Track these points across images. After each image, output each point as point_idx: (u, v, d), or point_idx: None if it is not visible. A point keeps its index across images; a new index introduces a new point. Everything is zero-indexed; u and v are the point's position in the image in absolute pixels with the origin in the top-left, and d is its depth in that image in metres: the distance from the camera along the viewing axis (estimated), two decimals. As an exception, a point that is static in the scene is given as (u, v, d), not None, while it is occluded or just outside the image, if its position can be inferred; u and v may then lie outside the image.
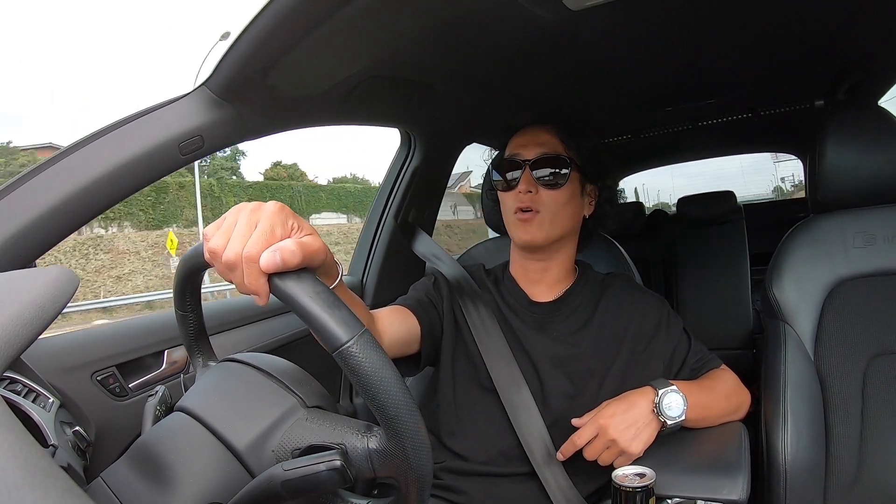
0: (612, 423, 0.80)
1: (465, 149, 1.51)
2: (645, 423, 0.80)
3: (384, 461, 0.44)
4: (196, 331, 0.58)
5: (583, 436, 0.81)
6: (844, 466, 0.88)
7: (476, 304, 0.96)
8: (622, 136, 1.92)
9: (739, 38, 1.10)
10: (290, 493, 0.43)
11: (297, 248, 0.43)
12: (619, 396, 0.84)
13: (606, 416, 0.81)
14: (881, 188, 0.93)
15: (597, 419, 0.81)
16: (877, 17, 1.03)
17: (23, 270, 0.63)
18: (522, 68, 1.12)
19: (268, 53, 0.73)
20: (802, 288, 0.96)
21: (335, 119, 1.05)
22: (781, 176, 6.61)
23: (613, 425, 0.79)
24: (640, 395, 0.83)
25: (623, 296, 0.97)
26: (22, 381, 0.60)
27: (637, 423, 0.80)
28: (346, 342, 0.40)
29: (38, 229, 0.66)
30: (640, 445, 0.79)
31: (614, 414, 0.81)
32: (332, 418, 0.48)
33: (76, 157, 0.71)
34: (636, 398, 0.83)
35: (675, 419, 0.81)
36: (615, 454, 0.80)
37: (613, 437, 0.79)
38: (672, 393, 0.82)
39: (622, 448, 0.79)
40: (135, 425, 0.62)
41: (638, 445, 0.79)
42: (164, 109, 0.78)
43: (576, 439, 0.82)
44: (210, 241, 0.46)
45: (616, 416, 0.80)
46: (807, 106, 1.65)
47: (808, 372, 0.93)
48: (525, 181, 0.92)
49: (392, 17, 0.75)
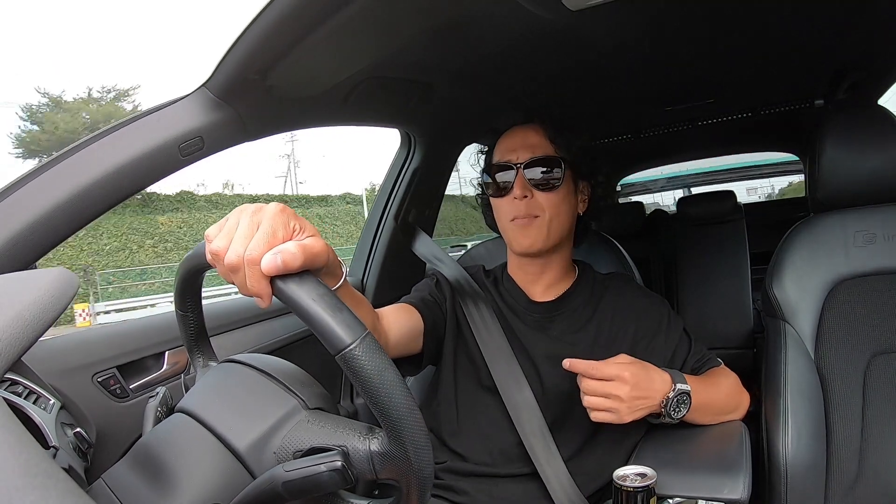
0: (629, 384, 0.77)
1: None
2: (648, 405, 0.79)
3: (386, 463, 0.44)
4: (197, 332, 0.58)
5: (602, 370, 0.78)
6: (845, 465, 0.88)
7: (477, 304, 0.96)
8: (622, 135, 1.92)
9: (739, 37, 1.10)
10: (291, 493, 0.43)
11: (298, 251, 0.43)
12: (643, 364, 0.81)
13: (632, 373, 0.78)
14: (881, 187, 0.94)
15: (622, 370, 0.77)
16: (877, 16, 1.03)
17: (23, 272, 0.63)
18: (522, 68, 1.12)
19: (268, 54, 0.73)
20: (803, 287, 0.96)
21: (335, 120, 1.05)
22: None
23: (632, 385, 0.77)
24: (660, 378, 0.81)
25: (623, 296, 0.97)
26: (23, 383, 0.60)
27: (646, 399, 0.79)
28: (349, 345, 0.40)
29: (38, 231, 0.66)
30: (631, 419, 0.78)
31: (638, 380, 0.78)
32: (333, 420, 0.48)
33: (77, 158, 0.71)
34: (657, 379, 0.80)
35: (673, 420, 0.82)
36: (606, 407, 0.77)
37: (623, 394, 0.76)
38: (683, 395, 0.81)
39: (618, 409, 0.77)
40: (136, 427, 0.62)
41: (630, 418, 0.78)
42: (164, 111, 0.78)
43: (592, 368, 0.78)
44: (212, 242, 0.46)
45: (640, 380, 0.78)
46: (807, 105, 1.65)
47: (809, 371, 0.93)
48: (519, 185, 0.90)
49: (392, 17, 0.75)
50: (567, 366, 0.79)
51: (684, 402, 0.82)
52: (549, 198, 0.91)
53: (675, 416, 0.82)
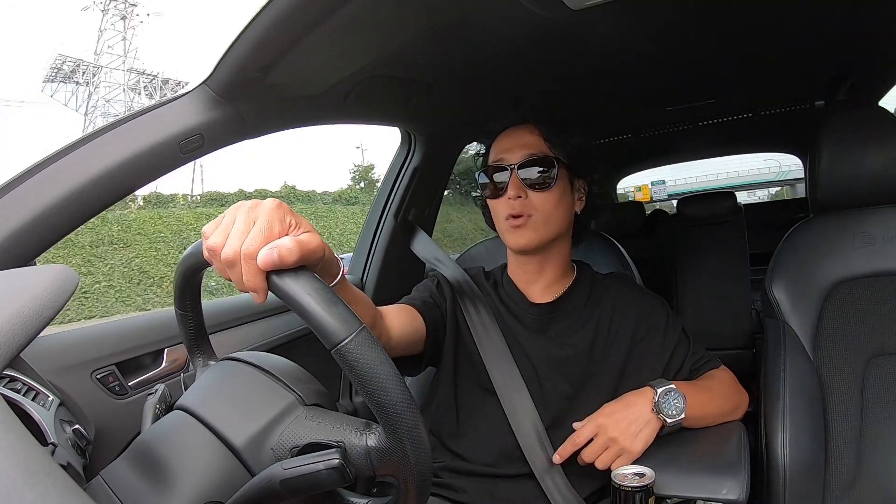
0: (611, 421, 0.80)
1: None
2: (645, 422, 0.80)
3: (383, 459, 0.43)
4: (196, 329, 0.58)
5: (582, 434, 0.81)
6: (844, 466, 0.88)
7: (476, 305, 0.96)
8: (622, 135, 1.92)
9: (740, 37, 1.10)
10: (289, 491, 0.43)
11: (294, 246, 0.43)
12: (617, 398, 0.84)
13: (605, 414, 0.81)
14: (881, 189, 0.93)
15: (595, 418, 0.81)
16: (876, 17, 1.03)
17: (23, 268, 0.63)
18: (522, 67, 1.11)
19: (268, 52, 0.73)
20: (802, 288, 0.96)
21: (335, 118, 1.05)
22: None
23: (613, 423, 0.79)
24: (639, 395, 0.83)
25: (623, 296, 0.97)
26: (22, 380, 0.60)
27: (637, 421, 0.80)
28: (344, 339, 0.40)
29: (38, 227, 0.66)
30: (640, 444, 0.79)
31: (613, 412, 0.81)
32: (331, 416, 0.48)
33: (76, 155, 0.71)
34: (635, 398, 0.83)
35: (675, 418, 0.81)
36: (615, 454, 0.79)
37: (614, 435, 0.78)
38: (671, 392, 0.82)
39: (622, 446, 0.78)
40: (134, 424, 0.62)
41: (638, 444, 0.79)
42: (164, 108, 0.78)
43: (575, 438, 0.82)
44: (209, 238, 0.46)
45: (616, 413, 0.80)
46: (807, 106, 1.65)
47: (808, 372, 0.93)
48: (513, 186, 0.90)
49: (392, 16, 0.75)
50: (556, 460, 0.84)
51: (674, 396, 0.82)
52: (544, 197, 0.91)
53: (674, 413, 0.81)
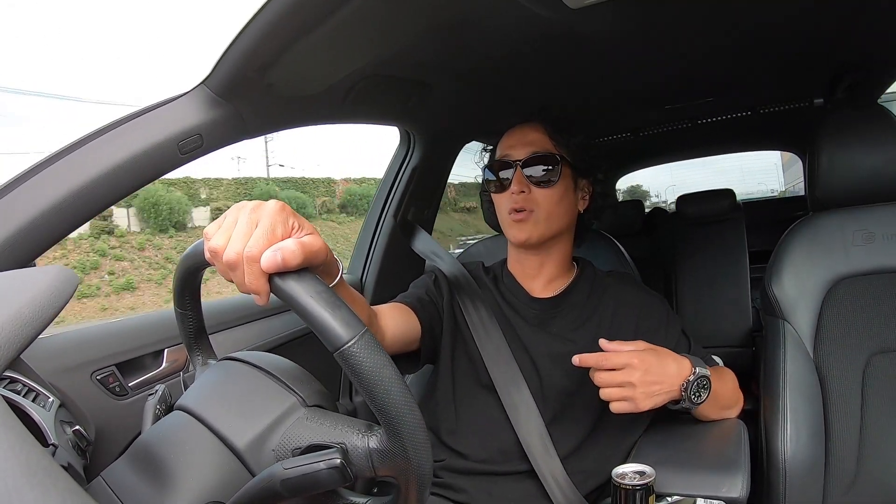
0: (642, 370, 0.76)
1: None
2: (667, 390, 0.78)
3: (384, 460, 0.44)
4: (196, 329, 0.58)
5: (612, 361, 0.77)
6: (844, 464, 0.88)
7: (475, 302, 0.96)
8: (622, 134, 1.92)
9: (739, 36, 1.10)
10: (289, 491, 0.43)
11: (298, 248, 0.43)
12: (657, 348, 0.81)
13: (641, 360, 0.77)
14: (880, 186, 0.94)
15: (631, 357, 0.77)
16: (876, 16, 1.03)
17: (22, 270, 0.62)
18: (522, 67, 1.11)
19: (267, 52, 0.73)
20: (802, 286, 0.96)
21: (334, 117, 1.05)
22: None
23: (642, 372, 0.76)
24: (677, 363, 0.80)
25: (623, 294, 0.98)
26: (22, 381, 0.59)
27: (663, 384, 0.78)
28: (348, 342, 0.40)
29: (37, 228, 0.66)
30: (649, 405, 0.77)
31: (650, 366, 0.77)
32: (332, 417, 0.48)
33: (75, 156, 0.70)
34: (674, 364, 0.80)
35: (693, 404, 0.80)
36: (622, 396, 0.76)
37: (635, 380, 0.75)
38: (703, 380, 0.80)
39: (634, 397, 0.76)
40: (135, 424, 0.62)
41: (648, 404, 0.77)
42: (162, 108, 0.78)
43: (603, 361, 0.78)
44: (211, 240, 0.45)
45: (651, 368, 0.77)
46: (806, 104, 1.65)
47: (808, 370, 0.93)
48: (517, 181, 0.92)
49: (391, 15, 0.75)
50: (577, 362, 0.79)
51: (705, 386, 0.81)
52: (546, 194, 0.92)
53: (696, 400, 0.80)
